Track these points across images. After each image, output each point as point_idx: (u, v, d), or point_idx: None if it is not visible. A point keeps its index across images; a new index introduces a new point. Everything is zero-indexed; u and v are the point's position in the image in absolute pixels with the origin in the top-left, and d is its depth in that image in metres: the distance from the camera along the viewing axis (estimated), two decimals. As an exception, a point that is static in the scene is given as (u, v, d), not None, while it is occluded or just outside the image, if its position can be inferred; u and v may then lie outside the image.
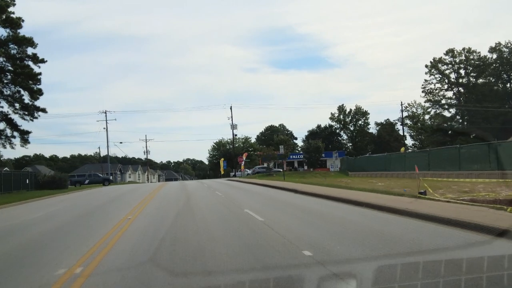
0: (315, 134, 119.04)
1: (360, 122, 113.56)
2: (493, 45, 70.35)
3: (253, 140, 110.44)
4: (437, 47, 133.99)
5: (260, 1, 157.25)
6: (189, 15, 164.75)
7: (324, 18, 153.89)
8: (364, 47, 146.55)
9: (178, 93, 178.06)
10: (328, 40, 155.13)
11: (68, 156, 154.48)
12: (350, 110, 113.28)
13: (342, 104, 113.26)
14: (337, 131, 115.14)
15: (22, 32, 41.27)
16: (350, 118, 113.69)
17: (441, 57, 72.71)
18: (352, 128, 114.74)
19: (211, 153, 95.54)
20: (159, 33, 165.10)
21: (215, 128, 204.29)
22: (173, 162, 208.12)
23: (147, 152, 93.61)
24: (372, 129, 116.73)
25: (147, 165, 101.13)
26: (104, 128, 67.48)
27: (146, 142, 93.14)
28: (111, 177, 65.37)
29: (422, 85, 77.09)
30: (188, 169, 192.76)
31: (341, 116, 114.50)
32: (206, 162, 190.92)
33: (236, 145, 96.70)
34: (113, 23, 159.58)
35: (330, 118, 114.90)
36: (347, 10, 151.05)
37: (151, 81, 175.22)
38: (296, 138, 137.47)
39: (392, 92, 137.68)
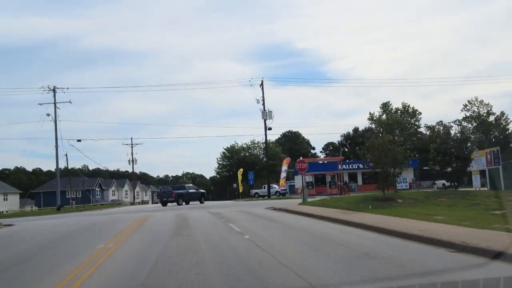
0: (352, 140, 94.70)
1: (408, 124, 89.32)
2: None
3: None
4: (434, 61, 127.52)
5: (259, 17, 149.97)
6: (188, 31, 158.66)
7: (322, 33, 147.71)
8: (362, 62, 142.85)
9: (177, 108, 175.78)
10: (326, 55, 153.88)
11: (52, 170, 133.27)
12: (397, 109, 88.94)
13: (388, 101, 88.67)
14: (380, 135, 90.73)
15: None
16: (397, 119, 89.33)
17: None
18: (398, 132, 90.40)
19: (220, 162, 70.66)
20: (159, 49, 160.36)
21: (217, 141, 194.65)
22: (172, 176, 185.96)
23: (133, 161, 68.84)
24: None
25: (134, 179, 76.02)
26: (48, 115, 41.44)
27: (132, 147, 68.35)
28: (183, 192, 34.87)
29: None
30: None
31: (384, 117, 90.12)
32: (213, 175, 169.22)
33: (255, 152, 72.09)
34: (112, 39, 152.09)
35: (369, 119, 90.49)
36: (345, 26, 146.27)
37: (150, 97, 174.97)
38: (314, 148, 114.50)
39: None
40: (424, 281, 5.90)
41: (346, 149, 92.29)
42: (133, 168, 68.92)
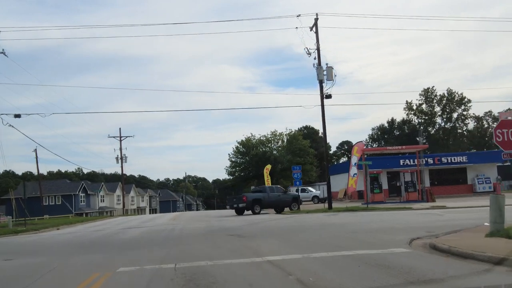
0: (388, 133, 79.86)
1: (455, 114, 74.55)
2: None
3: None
4: (433, 66, 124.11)
5: (258, 23, 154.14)
6: (188, 36, 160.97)
7: (322, 38, 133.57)
8: (362, 66, 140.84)
9: (177, 113, 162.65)
10: (326, 59, 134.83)
11: (45, 173, 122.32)
12: (441, 96, 74.31)
13: (432, 86, 74.07)
14: (420, 127, 75.78)
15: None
16: (441, 108, 74.62)
17: None
18: (442, 124, 75.61)
19: (233, 159, 55.73)
20: (159, 54, 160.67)
21: (218, 144, 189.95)
22: (172, 179, 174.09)
23: (121, 158, 53.75)
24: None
25: (122, 181, 60.98)
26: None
27: (120, 140, 53.35)
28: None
29: None
30: (190, 188, 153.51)
31: (424, 106, 75.39)
32: (216, 178, 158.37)
33: (278, 145, 57.16)
34: (112, 45, 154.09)
35: (406, 109, 75.82)
36: (345, 31, 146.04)
37: (150, 102, 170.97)
38: (330, 147, 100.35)
39: (390, 111, 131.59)
40: None
41: (382, 144, 77.96)
42: (122, 166, 54.11)
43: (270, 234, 13.38)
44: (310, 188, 42.40)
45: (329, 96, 24.24)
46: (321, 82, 24.32)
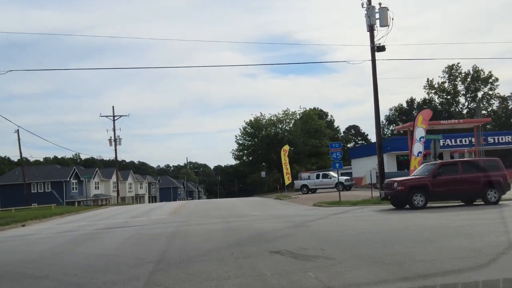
0: (407, 113, 73.50)
1: (480, 92, 68.21)
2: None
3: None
4: (434, 53, 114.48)
5: (258, 10, 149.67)
6: (188, 24, 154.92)
7: (322, 25, 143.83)
8: (362, 53, 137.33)
9: (177, 100, 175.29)
10: (326, 46, 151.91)
11: (41, 159, 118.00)
12: (466, 74, 67.86)
13: (457, 63, 67.36)
14: (441, 106, 69.47)
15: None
16: (466, 86, 68.21)
17: None
18: (466, 103, 69.30)
19: (240, 142, 49.62)
20: (159, 41, 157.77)
21: (220, 133, 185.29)
22: (173, 166, 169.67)
23: (115, 140, 47.59)
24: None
25: (117, 165, 54.83)
26: None
27: (114, 120, 47.11)
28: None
29: None
30: (191, 175, 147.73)
31: (447, 84, 69.01)
32: (217, 164, 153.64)
33: (291, 126, 50.96)
34: (112, 32, 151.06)
35: (427, 87, 69.46)
36: (345, 18, 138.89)
37: (150, 89, 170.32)
38: (338, 131, 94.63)
39: (390, 97, 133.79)
40: None
41: (400, 124, 71.92)
42: (115, 148, 48.00)
43: (347, 250, 7.32)
44: (332, 173, 36.31)
45: (382, 48, 18.21)
46: (371, 29, 18.19)
